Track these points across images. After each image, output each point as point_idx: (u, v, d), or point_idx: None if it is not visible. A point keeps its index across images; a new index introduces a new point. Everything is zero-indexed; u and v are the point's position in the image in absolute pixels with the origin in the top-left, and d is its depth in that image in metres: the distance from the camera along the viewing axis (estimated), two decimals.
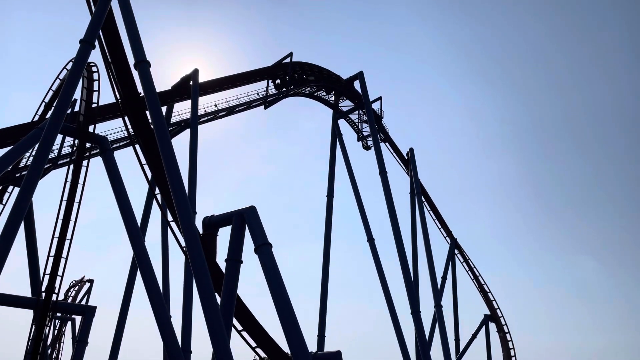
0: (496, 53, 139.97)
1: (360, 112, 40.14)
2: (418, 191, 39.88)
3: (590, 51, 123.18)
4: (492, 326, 44.26)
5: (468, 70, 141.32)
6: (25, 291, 22.12)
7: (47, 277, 17.22)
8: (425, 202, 42.07)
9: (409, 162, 41.41)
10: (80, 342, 19.58)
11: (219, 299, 14.92)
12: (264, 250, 14.81)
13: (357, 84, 39.03)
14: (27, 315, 18.84)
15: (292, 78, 34.87)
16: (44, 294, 16.77)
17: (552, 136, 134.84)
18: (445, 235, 45.68)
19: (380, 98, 41.05)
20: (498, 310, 45.17)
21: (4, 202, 25.31)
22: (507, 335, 43.64)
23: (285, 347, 18.77)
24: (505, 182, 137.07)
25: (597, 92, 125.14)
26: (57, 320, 37.27)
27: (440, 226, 45.58)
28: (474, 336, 43.22)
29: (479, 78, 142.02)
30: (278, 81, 34.52)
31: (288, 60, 34.90)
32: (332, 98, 39.81)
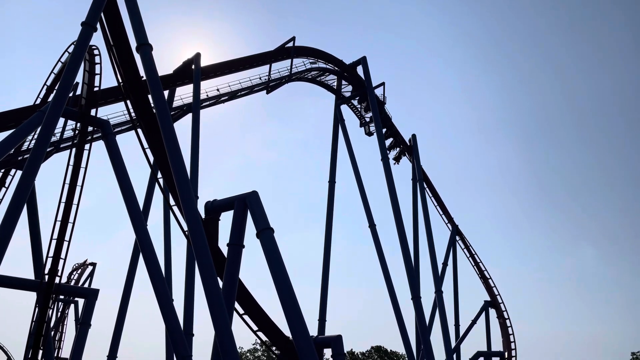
0: (500, 40, 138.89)
1: (363, 97, 39.95)
2: (420, 177, 39.86)
3: (594, 39, 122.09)
4: (492, 312, 44.49)
5: (471, 57, 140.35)
6: (29, 274, 22.33)
7: (50, 260, 17.30)
8: (427, 189, 42.05)
9: (411, 149, 41.31)
10: (83, 324, 19.74)
11: (220, 283, 14.99)
12: (265, 234, 14.86)
13: (359, 70, 38.80)
14: (31, 297, 19.01)
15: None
16: (47, 277, 16.87)
17: (554, 124, 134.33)
18: (446, 221, 45.76)
19: (383, 84, 40.84)
20: (498, 297, 45.40)
21: (6, 186, 25.38)
22: (507, 321, 43.91)
23: (286, 330, 18.91)
24: (507, 170, 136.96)
25: (599, 81, 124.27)
26: (60, 303, 37.62)
27: (441, 213, 45.65)
28: (474, 322, 43.47)
29: (483, 65, 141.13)
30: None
31: (290, 44, 34.68)
32: (335, 83, 39.61)
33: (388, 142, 40.80)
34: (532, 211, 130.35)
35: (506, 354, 41.48)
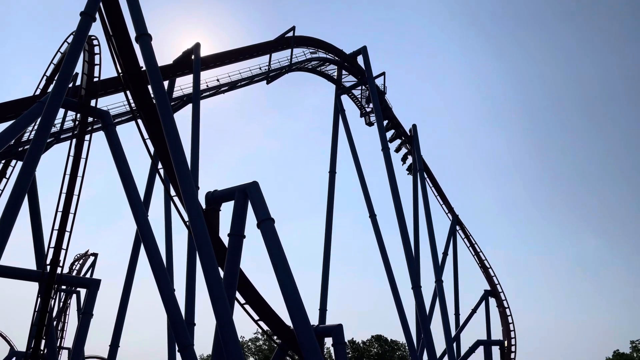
0: (502, 26, 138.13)
1: (363, 87, 39.84)
2: (420, 167, 39.87)
3: (602, 23, 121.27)
4: (492, 301, 44.71)
5: (473, 44, 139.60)
6: (31, 264, 22.43)
7: (51, 251, 17.36)
8: (427, 179, 42.07)
9: (412, 139, 41.27)
10: (86, 314, 19.89)
11: (222, 273, 15.06)
12: (266, 225, 14.90)
13: (360, 59, 38.66)
14: (33, 288, 19.12)
15: None
16: (48, 267, 16.94)
17: (556, 112, 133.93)
18: (447, 211, 45.84)
19: (383, 73, 40.70)
20: (498, 286, 45.59)
21: (7, 177, 25.40)
22: (507, 310, 44.11)
23: (287, 320, 19.02)
24: (508, 158, 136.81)
25: (607, 67, 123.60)
26: (62, 293, 37.79)
27: (442, 202, 45.72)
28: (474, 311, 43.70)
29: (483, 52, 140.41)
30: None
31: (290, 34, 34.53)
32: (335, 73, 39.48)
33: (389, 133, 40.74)
34: (533, 200, 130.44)
35: (506, 342, 41.70)
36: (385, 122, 38.25)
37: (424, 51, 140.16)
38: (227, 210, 16.55)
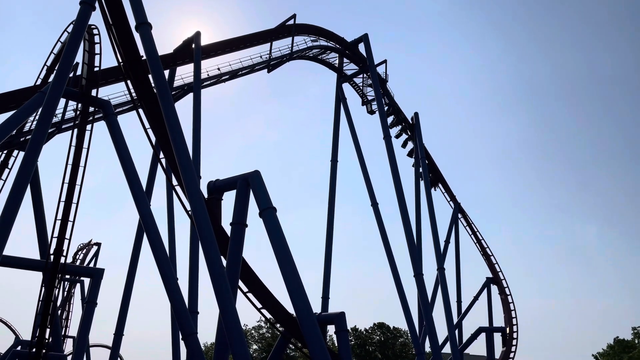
0: (505, 11, 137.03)
1: (365, 75, 39.66)
2: (422, 156, 39.80)
3: (609, 9, 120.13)
4: (494, 289, 44.85)
5: (475, 30, 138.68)
6: (35, 254, 22.54)
7: (55, 241, 17.43)
8: (429, 166, 42.03)
9: (413, 127, 41.17)
10: (90, 303, 20.01)
11: (224, 262, 15.12)
12: (268, 214, 14.92)
13: (361, 47, 38.43)
14: (37, 277, 19.23)
15: None
16: (52, 257, 17.01)
17: (560, 99, 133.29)
18: (448, 199, 45.82)
19: (385, 61, 40.50)
20: (500, 273, 45.70)
21: (9, 167, 25.44)
22: (509, 297, 44.26)
23: (290, 308, 19.12)
24: (510, 147, 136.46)
25: (616, 53, 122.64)
26: (66, 282, 38.02)
27: (443, 190, 45.68)
28: (476, 298, 43.82)
29: (485, 38, 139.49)
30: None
31: (291, 22, 34.31)
32: (336, 61, 39.28)
33: (390, 120, 40.61)
34: (534, 188, 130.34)
35: (508, 329, 41.92)
36: (386, 110, 38.14)
37: (425, 38, 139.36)
38: (229, 199, 16.59)
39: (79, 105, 19.91)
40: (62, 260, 17.14)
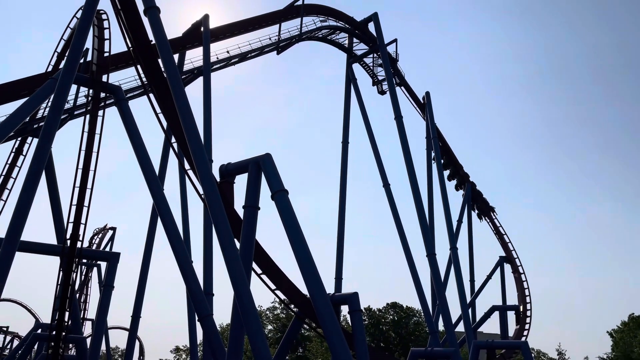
0: None
1: (375, 55, 39.25)
2: (434, 135, 39.50)
3: None
4: (507, 267, 44.77)
5: (486, 6, 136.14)
6: (52, 239, 22.90)
7: (70, 226, 17.66)
8: (441, 146, 41.74)
9: (424, 106, 40.81)
10: (107, 286, 20.29)
11: (238, 245, 15.24)
12: (280, 196, 14.95)
13: (371, 26, 37.98)
14: (55, 262, 19.55)
15: None
16: (69, 242, 17.23)
17: (573, 74, 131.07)
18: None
19: (395, 40, 40.00)
20: (513, 252, 45.58)
21: (24, 154, 25.72)
22: (522, 275, 44.18)
23: (304, 289, 19.31)
24: (523, 124, 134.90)
25: (628, 33, 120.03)
26: (83, 266, 38.67)
27: (455, 170, 45.38)
28: (489, 277, 43.79)
29: (498, 16, 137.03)
30: None
31: (300, 2, 33.96)
32: (346, 42, 38.90)
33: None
34: (548, 165, 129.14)
35: (521, 307, 41.93)
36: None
37: (435, 16, 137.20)
38: (241, 182, 16.64)
39: (90, 91, 19.97)
40: (79, 244, 17.36)
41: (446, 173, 43.71)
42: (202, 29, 27.43)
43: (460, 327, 36.08)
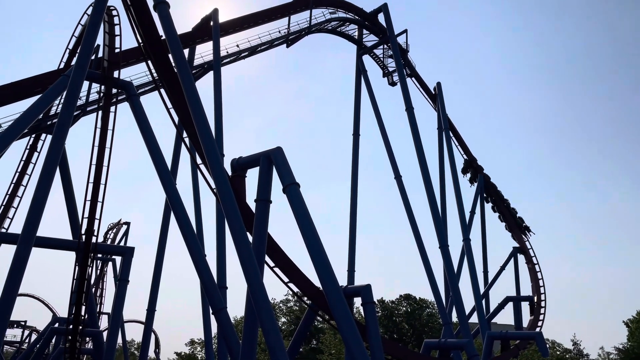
0: None
1: (385, 46, 39.02)
2: (446, 126, 39.26)
3: None
4: (521, 258, 44.49)
5: None
6: (67, 234, 23.19)
7: (85, 221, 17.85)
8: (453, 138, 41.48)
9: (436, 97, 40.53)
10: (122, 280, 20.51)
11: (250, 238, 15.30)
12: (291, 189, 14.97)
13: (381, 17, 37.74)
14: (71, 257, 19.76)
15: None
16: (84, 237, 17.41)
17: (585, 63, 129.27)
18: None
19: (405, 31, 39.74)
20: (527, 242, 45.27)
21: (38, 150, 26.03)
22: (536, 266, 43.89)
23: (316, 281, 19.36)
24: (535, 113, 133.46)
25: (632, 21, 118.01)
26: (98, 261, 39.14)
27: (467, 159, 45.08)
28: (503, 268, 43.57)
29: (510, 2, 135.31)
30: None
31: None
32: (356, 33, 38.71)
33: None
34: (562, 155, 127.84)
35: (535, 298, 41.70)
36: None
37: (446, 5, 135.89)
38: (253, 176, 16.68)
39: (102, 87, 20.11)
40: (94, 239, 17.54)
41: (459, 165, 43.46)
42: (211, 23, 27.46)
43: (474, 319, 36.01)
